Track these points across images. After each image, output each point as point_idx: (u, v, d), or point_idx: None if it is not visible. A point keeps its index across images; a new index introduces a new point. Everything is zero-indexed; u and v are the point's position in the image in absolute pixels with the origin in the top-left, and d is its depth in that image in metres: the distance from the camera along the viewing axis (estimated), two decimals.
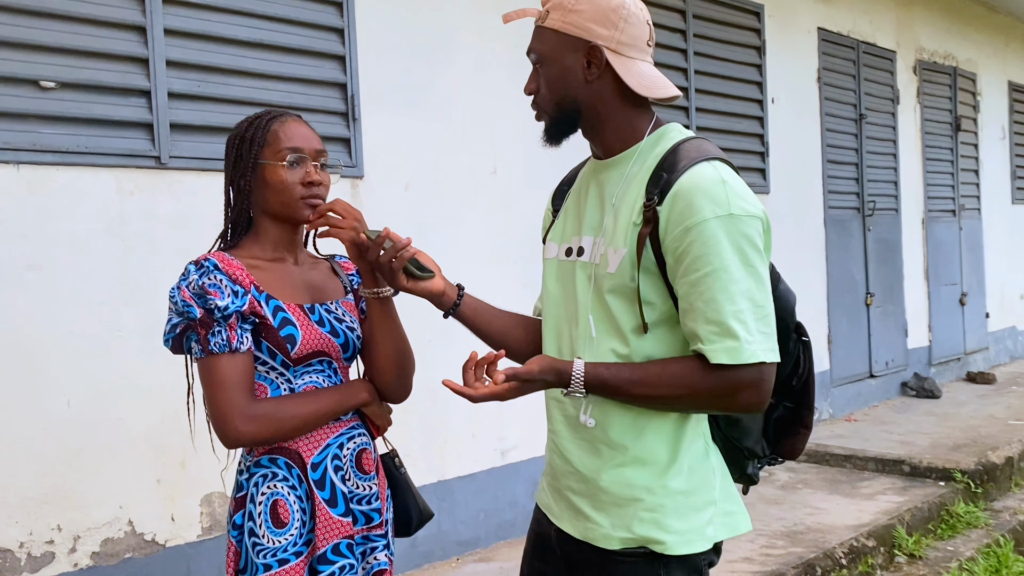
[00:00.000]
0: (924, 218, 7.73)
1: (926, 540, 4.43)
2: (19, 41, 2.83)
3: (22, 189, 2.83)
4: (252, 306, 1.70)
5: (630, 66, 1.62)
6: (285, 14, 3.45)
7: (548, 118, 1.68)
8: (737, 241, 1.52)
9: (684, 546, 1.61)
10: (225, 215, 1.85)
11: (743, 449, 1.75)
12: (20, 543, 2.81)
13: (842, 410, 6.63)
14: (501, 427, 4.23)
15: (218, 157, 3.20)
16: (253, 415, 1.68)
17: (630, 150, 1.66)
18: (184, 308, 1.67)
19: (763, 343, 1.53)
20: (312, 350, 1.76)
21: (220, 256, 1.72)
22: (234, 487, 1.82)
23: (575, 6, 1.61)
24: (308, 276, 1.85)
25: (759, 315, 1.53)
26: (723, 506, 1.67)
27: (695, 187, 1.53)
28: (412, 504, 1.96)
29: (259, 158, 1.76)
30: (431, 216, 3.94)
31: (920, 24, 7.73)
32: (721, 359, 1.51)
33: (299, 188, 1.75)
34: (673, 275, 1.56)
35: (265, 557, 1.71)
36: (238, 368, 1.68)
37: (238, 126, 1.82)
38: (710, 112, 5.49)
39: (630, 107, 1.65)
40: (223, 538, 3.23)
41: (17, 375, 2.81)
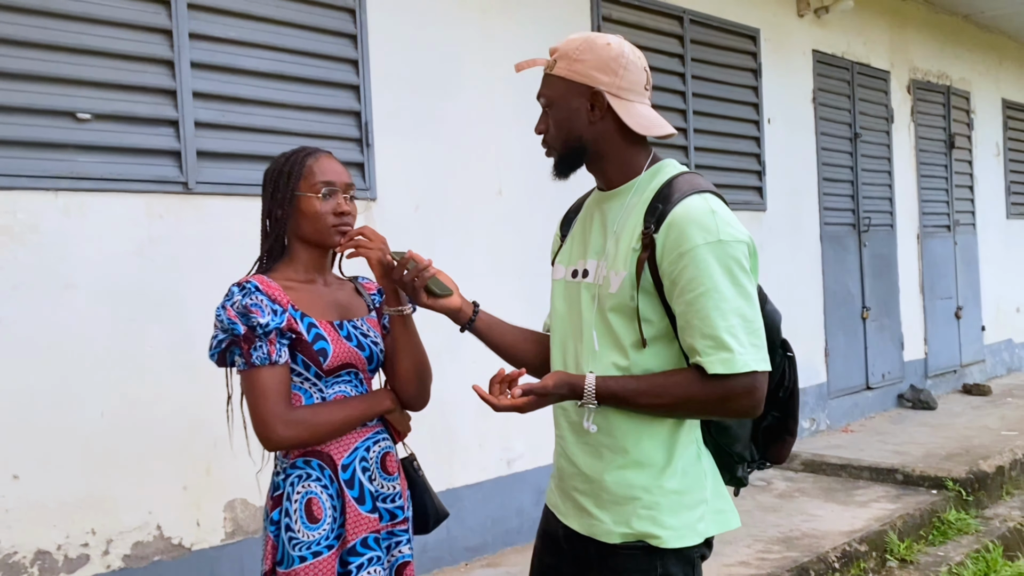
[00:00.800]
0: (919, 233, 7.92)
1: (917, 546, 4.60)
2: (57, 76, 3.04)
3: (60, 213, 3.03)
4: (289, 323, 1.88)
5: (629, 108, 1.81)
6: (303, 47, 3.66)
7: (557, 155, 1.87)
8: (726, 264, 1.71)
9: (678, 540, 1.79)
10: (262, 241, 2.03)
11: (733, 454, 1.93)
12: (58, 545, 3.00)
13: (839, 421, 6.80)
14: (507, 438, 4.41)
15: (241, 182, 3.42)
16: (291, 421, 1.87)
17: (630, 183, 1.85)
18: (229, 325, 1.85)
19: (754, 354, 1.71)
20: (341, 362, 1.95)
21: (260, 278, 1.91)
22: (271, 487, 2.00)
23: (580, 56, 1.81)
24: (336, 296, 2.05)
25: (749, 329, 1.71)
26: (714, 504, 1.85)
27: (687, 217, 1.72)
28: (429, 504, 2.15)
29: (296, 190, 1.96)
30: (440, 235, 4.13)
31: (914, 44, 7.94)
32: (717, 369, 1.69)
33: (331, 217, 1.95)
34: (670, 296, 1.75)
35: (300, 550, 1.89)
36: (277, 379, 1.87)
37: (275, 161, 2.01)
38: (708, 133, 5.69)
39: (630, 144, 1.85)
40: (245, 542, 3.41)
41: (54, 387, 3.00)
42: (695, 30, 5.59)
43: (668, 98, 5.42)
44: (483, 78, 4.35)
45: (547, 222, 4.41)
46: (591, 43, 1.81)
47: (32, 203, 2.97)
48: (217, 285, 3.31)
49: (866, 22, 7.26)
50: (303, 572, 1.89)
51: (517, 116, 4.41)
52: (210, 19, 3.39)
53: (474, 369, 3.03)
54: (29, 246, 2.96)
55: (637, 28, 5.22)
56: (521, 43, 4.51)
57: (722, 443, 1.91)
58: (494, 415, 4.30)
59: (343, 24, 3.80)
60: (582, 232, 1.96)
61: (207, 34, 3.37)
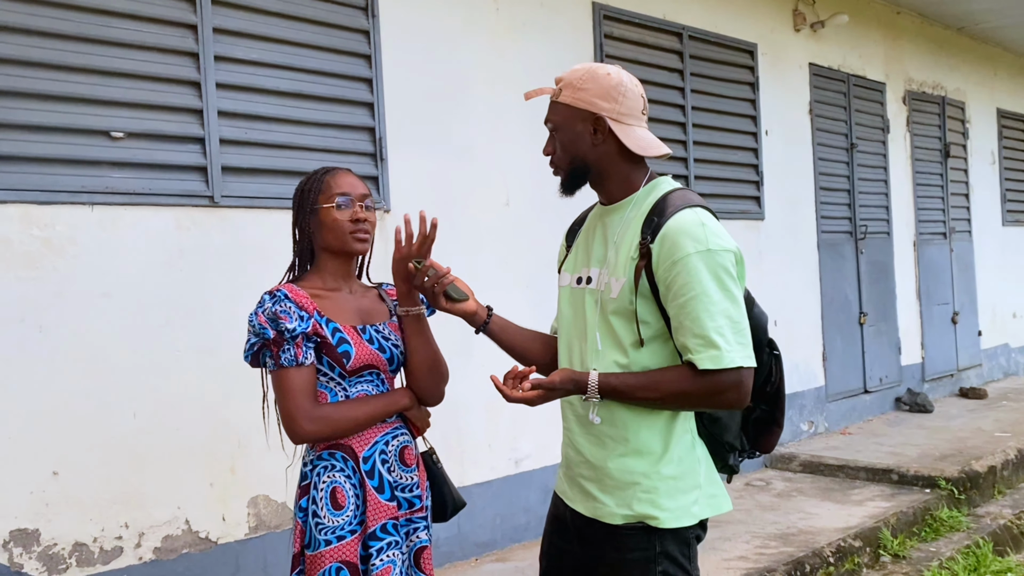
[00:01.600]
0: (915, 240, 8.10)
1: (910, 542, 4.77)
2: (92, 97, 3.24)
3: (95, 226, 3.23)
4: (315, 328, 2.08)
5: (628, 131, 2.01)
6: (320, 67, 3.86)
7: (563, 174, 2.08)
8: (715, 270, 1.91)
9: (675, 521, 1.98)
10: (293, 253, 2.24)
11: (724, 443, 2.11)
12: (94, 538, 3.19)
13: (837, 424, 6.97)
14: (514, 439, 4.60)
15: (263, 196, 3.63)
16: (315, 416, 2.06)
17: (629, 198, 2.05)
18: (260, 330, 2.05)
19: (740, 352, 1.90)
20: (363, 364, 2.14)
21: (289, 287, 2.11)
22: (299, 477, 2.19)
23: (583, 85, 2.01)
24: (360, 302, 2.24)
25: (736, 329, 1.91)
26: (707, 490, 2.04)
27: (679, 229, 1.92)
28: (448, 494, 2.33)
29: (316, 204, 2.16)
30: (450, 244, 4.30)
31: (909, 56, 8.13)
32: (707, 365, 1.88)
33: (348, 224, 2.15)
34: (665, 300, 1.94)
35: (326, 534, 2.08)
36: (304, 378, 2.06)
37: (301, 181, 2.23)
38: (707, 145, 5.88)
39: (629, 164, 2.05)
40: (268, 536, 3.60)
41: (90, 390, 3.19)
42: (694, 46, 5.80)
43: (668, 112, 5.62)
44: (491, 95, 4.55)
45: (552, 232, 4.60)
46: (593, 73, 2.01)
47: (70, 217, 3.17)
48: (241, 293, 3.54)
49: (861, 35, 7.46)
50: (328, 554, 2.07)
51: (524, 131, 4.61)
52: (234, 42, 3.59)
53: (483, 373, 3.22)
54: (67, 257, 3.16)
55: (638, 45, 5.43)
56: (527, 61, 4.72)
57: (714, 433, 2.09)
58: (503, 417, 4.52)
59: (358, 45, 4.01)
60: (586, 242, 2.15)
61: (231, 56, 3.58)
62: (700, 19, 5.86)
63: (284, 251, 3.62)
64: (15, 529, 3.02)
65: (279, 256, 3.65)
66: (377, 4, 4.06)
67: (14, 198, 3.05)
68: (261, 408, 2.24)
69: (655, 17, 5.53)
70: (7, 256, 3.03)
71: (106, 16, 3.27)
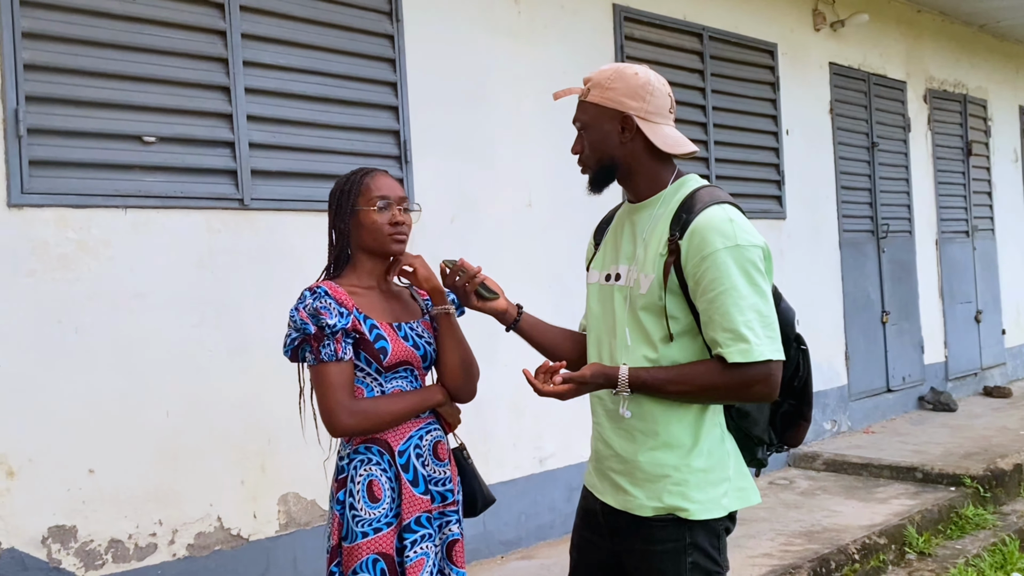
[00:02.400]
0: (938, 239, 8.07)
1: (936, 540, 4.77)
2: (125, 103, 3.31)
3: (129, 229, 3.30)
4: (354, 324, 2.12)
5: (656, 130, 2.05)
6: (346, 71, 3.92)
7: (592, 172, 2.11)
8: (743, 265, 1.94)
9: (705, 513, 2.01)
10: (329, 252, 2.28)
11: (753, 436, 2.14)
12: (129, 535, 3.25)
13: (860, 423, 6.96)
14: (539, 437, 4.63)
15: (291, 198, 3.70)
16: (354, 411, 2.11)
17: (656, 195, 2.08)
18: (301, 325, 2.09)
19: (769, 345, 1.93)
20: (399, 360, 2.18)
21: (328, 284, 2.16)
22: (336, 471, 2.24)
23: (611, 84, 2.05)
24: (394, 301, 2.29)
25: (764, 323, 1.94)
26: (736, 482, 2.07)
27: (708, 225, 1.95)
28: (478, 489, 2.37)
29: (355, 205, 2.20)
30: (474, 245, 4.37)
31: (930, 55, 8.11)
32: (736, 359, 1.91)
33: (387, 227, 2.20)
34: (694, 295, 1.97)
35: (362, 526, 2.13)
36: (343, 373, 2.11)
37: (338, 181, 2.27)
38: (728, 145, 5.90)
39: (656, 162, 2.08)
40: (298, 533, 3.66)
41: (125, 389, 3.26)
42: (714, 46, 5.82)
43: (689, 112, 5.64)
44: (513, 97, 4.60)
45: (574, 232, 4.67)
46: (621, 73, 2.05)
47: (104, 220, 3.24)
48: (271, 293, 3.61)
49: (882, 34, 7.45)
50: (365, 546, 2.12)
51: (545, 133, 4.66)
52: (262, 47, 3.66)
53: (507, 372, 3.27)
54: (102, 259, 3.23)
55: (658, 46, 5.46)
56: (549, 63, 4.76)
57: (743, 427, 2.12)
58: (527, 416, 4.56)
59: (383, 49, 4.07)
60: (614, 240, 2.19)
61: (259, 61, 3.64)
62: (720, 19, 5.89)
63: (312, 252, 3.70)
64: (53, 525, 3.09)
65: (307, 257, 3.72)
66: (401, 9, 4.12)
67: (50, 202, 3.12)
68: (298, 402, 2.29)
69: (675, 18, 5.55)
70: (44, 258, 3.11)
71: (138, 23, 3.34)
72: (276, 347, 3.52)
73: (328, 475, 2.37)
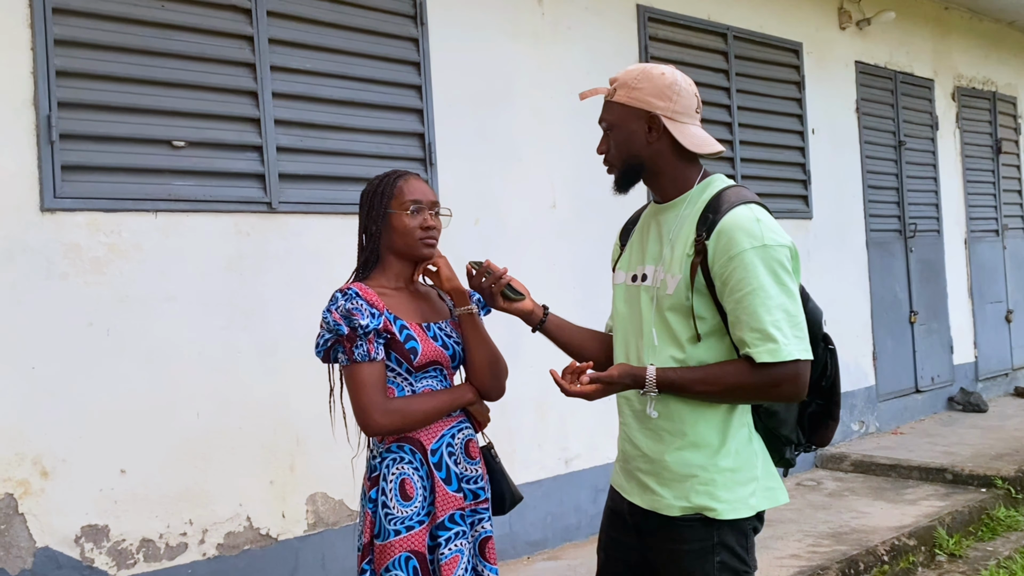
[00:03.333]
0: (967, 238, 7.99)
1: (966, 541, 4.72)
2: (155, 108, 3.36)
3: (159, 232, 3.34)
4: (385, 324, 2.14)
5: (683, 129, 2.05)
6: (371, 75, 3.95)
7: (618, 172, 2.12)
8: (770, 265, 1.94)
9: (732, 512, 2.01)
10: (359, 253, 2.30)
11: (780, 436, 2.13)
12: (160, 534, 3.30)
13: (888, 424, 6.91)
14: (564, 438, 4.64)
15: (318, 201, 3.73)
16: (388, 410, 2.13)
17: (683, 196, 2.08)
18: (334, 326, 2.11)
19: (797, 345, 1.93)
20: (429, 360, 2.20)
21: (359, 286, 2.17)
22: (368, 470, 2.27)
23: (638, 84, 2.05)
24: (422, 302, 2.31)
25: (792, 323, 1.93)
26: (764, 482, 2.06)
27: (735, 225, 1.95)
28: (506, 488, 2.39)
29: (388, 208, 2.22)
30: (498, 246, 4.38)
31: (958, 52, 8.03)
32: (764, 358, 1.91)
33: (419, 231, 2.22)
34: (721, 295, 1.97)
35: (395, 524, 2.15)
36: (376, 373, 2.13)
37: (370, 183, 2.29)
38: (754, 144, 5.88)
39: (683, 162, 2.08)
40: (326, 533, 3.69)
41: (156, 390, 3.31)
42: (739, 46, 5.80)
43: (714, 112, 5.63)
44: (537, 98, 4.61)
45: (598, 233, 4.67)
46: (647, 73, 2.05)
47: (135, 223, 3.28)
48: (298, 295, 3.64)
49: (908, 32, 7.39)
50: (397, 544, 2.14)
51: (569, 134, 4.66)
52: (289, 52, 3.69)
53: (532, 373, 3.28)
54: (133, 262, 3.28)
55: (683, 46, 5.45)
56: (573, 64, 4.77)
57: (771, 427, 2.11)
58: (552, 417, 4.56)
59: (407, 53, 4.09)
60: (640, 241, 2.19)
61: (287, 66, 3.68)
62: (745, 19, 5.86)
63: (339, 255, 3.75)
64: (86, 525, 3.14)
65: (334, 260, 3.76)
66: (425, 12, 4.14)
67: (82, 206, 3.17)
68: (328, 402, 2.31)
69: (699, 18, 5.54)
70: (76, 262, 3.15)
71: (168, 29, 3.39)
72: (304, 348, 3.57)
73: (356, 474, 2.39)
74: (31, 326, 3.06)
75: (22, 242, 3.05)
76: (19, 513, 3.01)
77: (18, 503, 3.01)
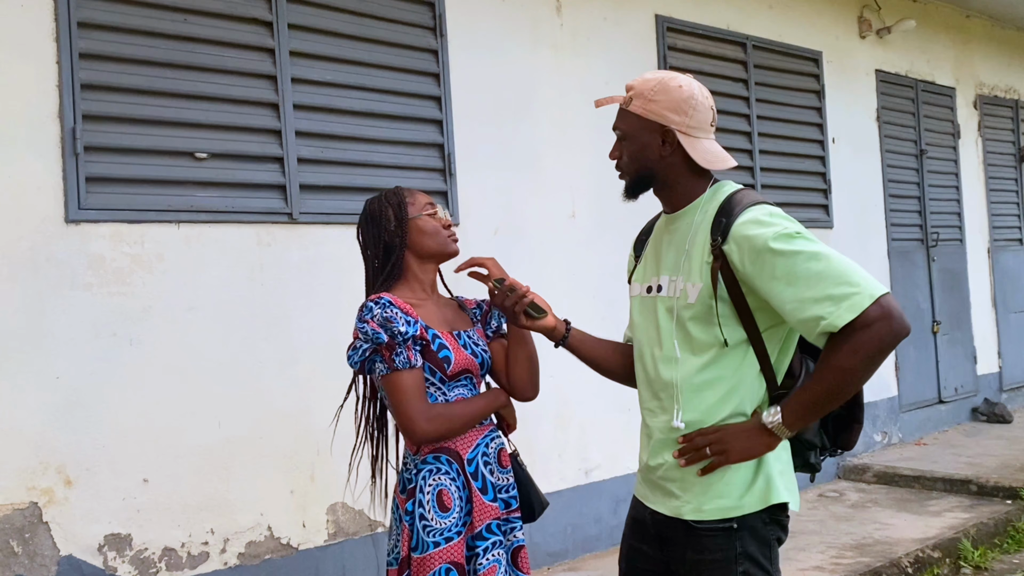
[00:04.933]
0: (990, 247, 7.92)
1: (992, 553, 4.66)
2: (178, 120, 3.39)
3: (181, 243, 3.37)
4: (421, 332, 2.15)
5: (696, 144, 2.04)
6: (391, 86, 3.97)
7: (628, 180, 2.11)
8: (798, 243, 1.88)
9: (758, 504, 1.98)
10: (377, 269, 2.28)
11: (803, 440, 2.10)
12: (182, 543, 3.31)
13: (911, 435, 6.84)
14: (584, 448, 4.63)
15: (339, 212, 3.74)
16: (431, 416, 2.13)
17: (693, 204, 2.08)
18: (373, 335, 2.10)
19: (867, 286, 1.83)
20: (461, 368, 2.21)
21: (390, 295, 2.17)
22: (402, 483, 2.26)
23: (654, 96, 2.03)
24: (446, 311, 2.33)
25: (850, 270, 1.85)
26: (782, 480, 2.02)
27: (750, 222, 1.94)
28: (534, 495, 2.38)
29: (409, 216, 2.25)
30: (517, 256, 4.39)
31: (979, 60, 7.98)
32: (847, 317, 1.81)
33: (444, 229, 2.28)
34: (763, 291, 1.91)
35: (433, 536, 2.14)
36: (417, 380, 2.14)
37: (371, 205, 2.30)
38: (774, 154, 5.86)
39: (693, 175, 2.08)
40: (346, 543, 3.70)
41: (178, 400, 3.33)
42: (758, 55, 5.79)
43: (734, 121, 5.62)
44: (556, 108, 4.62)
45: (618, 243, 4.65)
46: (665, 85, 2.04)
47: (158, 234, 3.32)
48: (318, 305, 3.66)
49: (929, 40, 7.35)
50: (437, 556, 2.13)
51: (588, 144, 4.67)
52: (310, 64, 3.72)
53: (552, 384, 3.28)
54: (156, 273, 3.31)
55: (702, 56, 5.45)
56: (592, 74, 4.78)
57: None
58: (572, 427, 4.57)
59: (427, 64, 4.11)
60: (655, 252, 2.19)
61: (307, 78, 3.71)
62: (764, 28, 5.86)
63: (359, 265, 3.73)
64: (109, 534, 3.16)
65: (355, 269, 3.73)
66: (445, 24, 4.17)
67: (106, 217, 3.20)
68: (355, 410, 2.33)
69: (719, 28, 5.54)
70: (100, 273, 3.19)
71: (190, 43, 3.42)
72: (324, 358, 3.61)
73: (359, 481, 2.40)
74: (56, 336, 3.09)
75: (47, 253, 3.09)
76: (43, 522, 3.03)
77: (42, 512, 3.03)
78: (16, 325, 3.03)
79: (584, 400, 4.51)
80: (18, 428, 3.01)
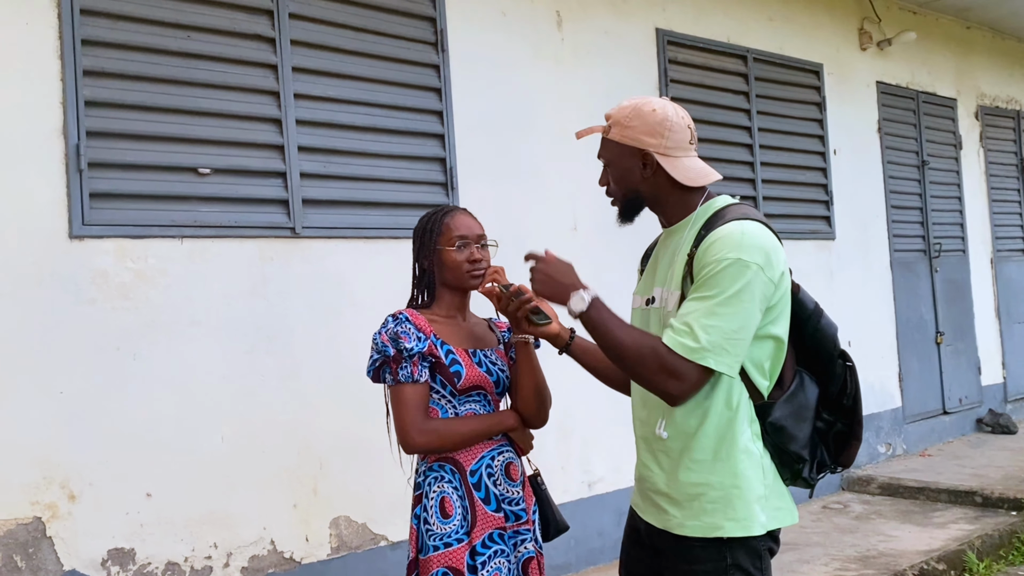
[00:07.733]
0: (993, 258, 7.92)
1: (997, 565, 4.65)
2: (181, 136, 3.42)
3: (185, 258, 3.39)
4: (430, 349, 2.25)
5: (676, 164, 2.08)
6: (393, 101, 4.00)
7: (619, 205, 2.18)
8: (735, 280, 1.91)
9: (740, 531, 1.98)
10: (412, 283, 2.43)
11: (790, 453, 2.09)
12: (185, 557, 3.32)
13: (916, 446, 6.83)
14: (587, 461, 4.63)
15: (341, 226, 3.76)
16: (424, 429, 2.24)
17: (687, 219, 2.12)
18: (382, 348, 2.24)
19: (716, 351, 1.89)
20: (472, 384, 2.29)
21: (410, 311, 2.30)
22: (415, 486, 2.35)
23: (629, 123, 2.09)
24: (472, 330, 2.41)
25: (725, 337, 1.90)
26: (772, 501, 2.04)
27: (720, 237, 1.97)
28: (551, 515, 2.44)
29: (436, 245, 2.34)
30: (519, 270, 4.39)
31: (980, 71, 8.00)
32: (676, 348, 1.90)
33: (466, 265, 2.34)
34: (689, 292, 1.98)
35: (434, 540, 2.24)
36: (418, 394, 2.24)
37: (421, 220, 2.42)
38: (775, 166, 5.87)
39: (682, 191, 2.12)
40: (349, 557, 3.70)
41: (181, 414, 3.34)
42: (759, 68, 5.81)
43: (734, 134, 5.64)
44: (557, 122, 4.64)
45: (620, 256, 4.67)
46: (639, 110, 2.09)
47: (161, 249, 3.34)
48: (321, 319, 3.68)
49: (930, 52, 7.38)
50: (436, 559, 2.22)
51: (590, 157, 4.65)
52: (312, 80, 3.75)
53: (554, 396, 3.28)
54: (159, 288, 3.32)
55: (702, 69, 5.47)
56: (592, 88, 4.80)
57: (778, 442, 2.07)
58: (575, 439, 4.55)
59: (428, 79, 4.14)
60: (653, 265, 2.24)
61: (310, 94, 3.73)
62: (764, 41, 5.88)
63: (361, 279, 3.79)
64: (112, 548, 3.17)
65: (357, 283, 3.80)
66: (446, 39, 4.19)
67: (110, 233, 3.23)
68: (386, 423, 2.36)
69: (719, 41, 5.57)
70: (104, 287, 3.21)
71: (193, 59, 3.45)
72: (327, 372, 3.63)
73: (376, 497, 2.42)
74: (59, 351, 3.11)
75: (51, 268, 3.11)
76: (47, 536, 3.04)
77: (46, 526, 3.04)
78: (20, 340, 3.05)
79: (587, 412, 4.51)
80: (22, 443, 3.02)
